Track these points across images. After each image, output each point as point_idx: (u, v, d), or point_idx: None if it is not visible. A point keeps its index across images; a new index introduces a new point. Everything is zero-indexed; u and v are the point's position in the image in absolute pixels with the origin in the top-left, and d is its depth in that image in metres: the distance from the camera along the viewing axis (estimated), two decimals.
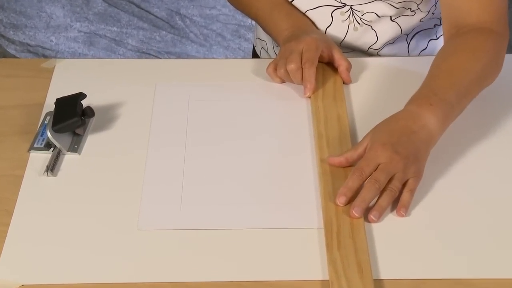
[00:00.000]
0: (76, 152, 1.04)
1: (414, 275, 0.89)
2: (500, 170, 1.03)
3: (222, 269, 0.90)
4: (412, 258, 0.91)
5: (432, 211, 0.97)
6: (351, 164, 0.99)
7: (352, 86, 1.15)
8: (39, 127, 1.08)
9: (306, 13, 1.22)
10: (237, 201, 0.98)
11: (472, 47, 1.07)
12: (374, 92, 1.03)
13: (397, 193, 0.95)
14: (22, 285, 0.88)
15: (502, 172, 1.02)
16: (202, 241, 0.93)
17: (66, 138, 1.05)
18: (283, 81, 1.14)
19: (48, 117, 1.07)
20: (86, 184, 1.01)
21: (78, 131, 1.06)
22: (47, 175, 1.00)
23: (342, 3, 1.19)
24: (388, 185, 0.95)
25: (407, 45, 1.27)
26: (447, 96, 1.01)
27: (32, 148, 1.04)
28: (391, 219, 0.96)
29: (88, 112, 1.06)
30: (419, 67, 1.13)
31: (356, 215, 0.93)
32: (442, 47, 1.11)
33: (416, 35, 1.26)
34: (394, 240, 0.93)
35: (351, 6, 1.20)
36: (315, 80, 1.10)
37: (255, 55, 1.43)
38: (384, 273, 0.89)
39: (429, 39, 1.29)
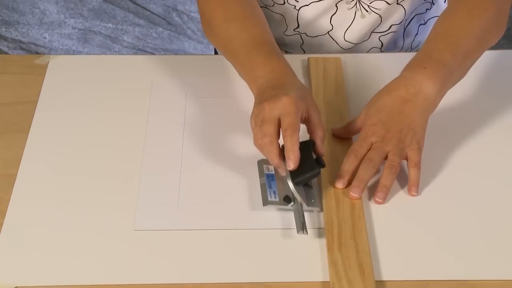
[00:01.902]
0: (316, 206, 0.95)
1: (417, 277, 0.89)
2: (503, 170, 1.03)
3: (220, 270, 0.90)
4: (415, 259, 0.91)
5: (436, 212, 0.97)
6: (349, 136, 1.03)
7: (353, 83, 1.15)
8: (261, 177, 0.98)
9: (311, 5, 1.21)
10: (236, 201, 0.98)
11: (469, 5, 1.06)
12: (376, 88, 1.04)
13: (398, 168, 0.96)
14: (16, 287, 0.88)
15: (505, 173, 1.02)
16: (200, 242, 0.93)
17: (302, 191, 0.95)
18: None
19: (265, 165, 0.98)
20: (81, 183, 1.00)
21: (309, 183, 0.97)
22: (303, 234, 0.91)
23: None
24: (386, 163, 0.96)
25: (403, 30, 1.27)
26: (443, 57, 1.01)
27: (268, 202, 0.95)
28: (393, 219, 0.96)
29: (321, 162, 0.96)
30: None
31: (355, 195, 0.95)
32: (442, 11, 1.10)
33: (412, 20, 1.26)
34: (396, 241, 0.93)
35: None
36: (298, 149, 0.93)
37: None
38: (387, 275, 0.89)
39: (419, 24, 1.29)
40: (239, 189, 0.99)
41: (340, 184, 0.97)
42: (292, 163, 0.92)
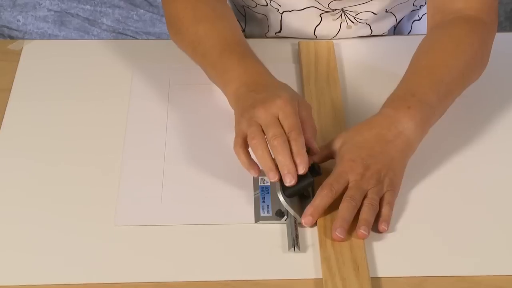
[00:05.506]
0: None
1: (415, 273, 0.90)
2: (500, 165, 1.03)
3: (207, 268, 0.90)
4: (412, 254, 0.92)
5: (432, 207, 0.98)
6: (321, 161, 0.99)
7: (346, 68, 1.16)
8: (255, 191, 0.98)
9: (293, 12, 1.20)
10: (222, 195, 0.98)
11: (456, 39, 1.06)
12: (369, 74, 1.04)
13: (378, 207, 0.95)
14: None
15: (501, 168, 1.03)
16: (185, 238, 0.93)
17: (296, 203, 0.95)
18: (259, 170, 0.95)
19: (260, 177, 0.97)
20: (58, 177, 1.00)
21: (305, 192, 0.97)
22: (294, 251, 0.91)
23: (331, 8, 1.18)
24: (365, 200, 0.94)
25: (393, 29, 1.27)
26: (427, 98, 1.01)
27: (260, 218, 0.95)
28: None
29: (317, 169, 0.95)
30: (415, 47, 1.13)
31: (341, 236, 0.92)
32: (424, 38, 1.10)
33: (403, 19, 1.26)
34: (392, 236, 0.94)
35: (342, 8, 1.19)
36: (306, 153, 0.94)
37: None
38: (382, 271, 0.90)
39: (412, 20, 1.29)
40: (225, 182, 0.99)
41: (308, 222, 0.93)
42: (302, 168, 0.93)
